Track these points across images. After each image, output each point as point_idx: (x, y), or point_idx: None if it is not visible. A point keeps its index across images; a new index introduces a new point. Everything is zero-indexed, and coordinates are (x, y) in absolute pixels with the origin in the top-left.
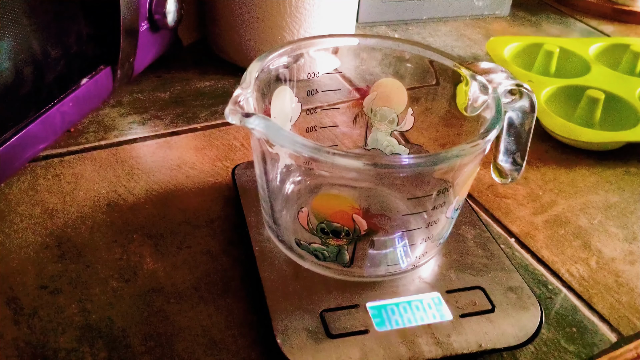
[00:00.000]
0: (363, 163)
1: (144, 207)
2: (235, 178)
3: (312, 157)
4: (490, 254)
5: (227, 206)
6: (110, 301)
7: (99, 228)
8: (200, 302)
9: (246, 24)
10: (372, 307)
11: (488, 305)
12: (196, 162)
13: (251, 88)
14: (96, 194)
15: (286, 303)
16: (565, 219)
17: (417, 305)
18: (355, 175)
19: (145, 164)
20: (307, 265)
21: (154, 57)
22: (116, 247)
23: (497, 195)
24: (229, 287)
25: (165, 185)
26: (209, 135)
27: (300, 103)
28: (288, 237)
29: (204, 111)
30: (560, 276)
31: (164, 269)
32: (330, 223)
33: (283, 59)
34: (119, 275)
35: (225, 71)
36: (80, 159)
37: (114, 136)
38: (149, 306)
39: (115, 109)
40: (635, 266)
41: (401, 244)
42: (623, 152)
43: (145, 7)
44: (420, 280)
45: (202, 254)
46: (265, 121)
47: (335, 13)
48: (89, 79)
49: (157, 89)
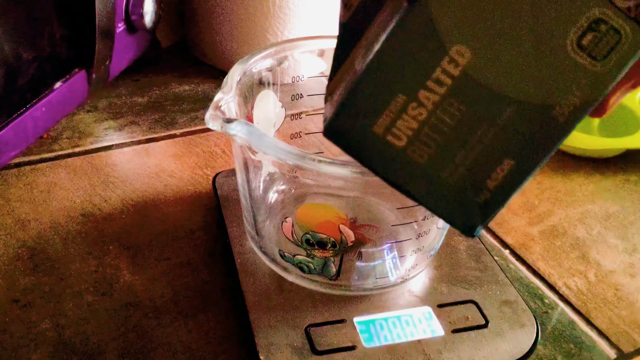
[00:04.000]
0: (350, 171)
1: (121, 217)
2: (216, 187)
3: (296, 164)
4: (484, 267)
5: (208, 216)
6: (85, 316)
7: (73, 239)
8: (179, 317)
9: (227, 25)
10: (360, 322)
11: (481, 320)
12: (175, 170)
13: (233, 92)
14: (70, 203)
15: (269, 318)
16: (562, 229)
17: (407, 320)
18: (342, 184)
19: (121, 172)
20: (292, 278)
21: (131, 59)
22: (91, 259)
23: None
24: (209, 301)
25: (143, 195)
26: (188, 142)
27: (284, 108)
28: (271, 248)
29: (183, 117)
30: (557, 289)
31: (142, 282)
32: (315, 234)
33: (266, 62)
34: (94, 288)
35: (206, 75)
36: (54, 167)
37: (89, 143)
38: (126, 321)
39: (91, 114)
40: (636, 279)
41: (390, 256)
42: (623, 160)
43: (121, 8)
44: (410, 294)
45: (182, 266)
46: (247, 127)
47: (321, 13)
48: (63, 82)
49: (134, 93)
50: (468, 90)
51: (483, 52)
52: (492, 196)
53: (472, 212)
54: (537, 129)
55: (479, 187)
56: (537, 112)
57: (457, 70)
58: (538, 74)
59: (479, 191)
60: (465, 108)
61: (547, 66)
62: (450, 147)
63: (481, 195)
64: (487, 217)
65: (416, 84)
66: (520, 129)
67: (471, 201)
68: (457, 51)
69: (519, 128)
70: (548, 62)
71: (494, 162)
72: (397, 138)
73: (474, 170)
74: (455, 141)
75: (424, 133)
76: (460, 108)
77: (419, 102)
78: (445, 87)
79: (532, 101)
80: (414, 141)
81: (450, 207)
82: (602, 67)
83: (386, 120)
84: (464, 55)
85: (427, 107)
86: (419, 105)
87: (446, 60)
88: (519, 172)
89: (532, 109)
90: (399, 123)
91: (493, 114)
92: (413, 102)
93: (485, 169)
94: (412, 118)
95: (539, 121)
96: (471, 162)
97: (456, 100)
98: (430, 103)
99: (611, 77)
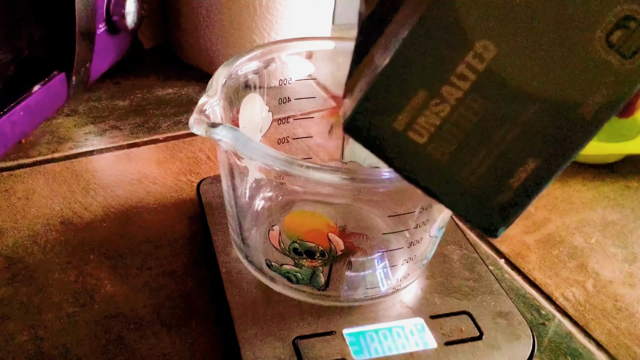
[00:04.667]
0: (340, 177)
1: (102, 226)
2: (201, 194)
3: (284, 170)
4: (478, 276)
5: (192, 224)
6: (65, 327)
7: (52, 248)
8: (162, 329)
9: (212, 26)
10: (350, 333)
11: (475, 332)
12: (158, 176)
13: (218, 96)
14: (49, 210)
15: (256, 329)
16: (560, 238)
17: (398, 332)
18: (331, 191)
19: (102, 179)
20: (279, 289)
21: (112, 62)
22: (71, 269)
23: None
24: (193, 312)
25: (125, 202)
26: (172, 147)
27: (271, 112)
28: (258, 257)
29: (166, 121)
30: (554, 300)
31: (123, 292)
32: (303, 242)
33: (252, 64)
34: (74, 299)
35: (190, 77)
36: (32, 173)
37: (69, 148)
38: (107, 333)
39: (70, 119)
40: (636, 289)
41: (381, 265)
42: (622, 166)
43: (102, 8)
44: (401, 305)
45: (165, 276)
46: (233, 132)
47: (310, 14)
48: (42, 85)
49: (115, 96)
50: (492, 86)
51: (508, 47)
52: (514, 197)
53: (494, 212)
54: (562, 128)
55: (501, 186)
56: (563, 111)
57: (481, 65)
58: (564, 71)
59: (501, 191)
60: (489, 105)
61: (574, 63)
62: (473, 145)
63: (503, 195)
64: (509, 218)
65: (439, 79)
66: (545, 127)
67: (493, 201)
68: (482, 46)
69: (544, 127)
70: (575, 59)
71: (517, 161)
72: (418, 134)
73: (496, 169)
74: (478, 139)
75: (445, 130)
76: (483, 105)
77: (442, 97)
78: (469, 82)
79: (557, 99)
80: (435, 138)
81: (471, 206)
82: (631, 64)
83: (407, 116)
84: (489, 50)
85: (449, 103)
86: (442, 101)
87: (471, 54)
88: (543, 172)
89: (557, 107)
90: (420, 119)
91: (517, 111)
92: (435, 98)
93: (508, 168)
94: (434, 114)
95: (565, 120)
96: (493, 161)
97: (480, 96)
98: (453, 99)
99: None
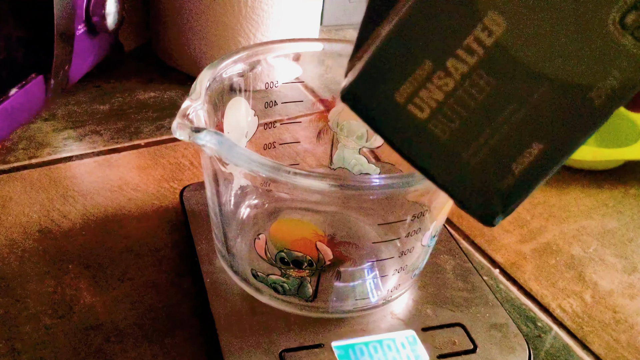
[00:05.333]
0: (328, 184)
1: (81, 234)
2: (184, 201)
3: (270, 177)
4: (472, 287)
5: (175, 233)
6: (43, 340)
7: (29, 257)
8: (144, 341)
9: (196, 26)
10: (338, 346)
11: (469, 344)
12: (140, 183)
13: (201, 99)
14: (27, 218)
15: (241, 342)
16: (557, 247)
17: (389, 344)
18: (319, 198)
19: (82, 186)
20: (265, 300)
21: (92, 64)
22: (49, 279)
23: None
24: (176, 324)
25: (105, 210)
26: (154, 153)
27: (257, 116)
28: (243, 267)
29: (148, 125)
30: (551, 312)
31: (103, 303)
32: (290, 252)
33: (238, 67)
34: (52, 310)
35: (173, 80)
36: (9, 180)
37: (47, 154)
38: (86, 345)
39: (49, 123)
40: (635, 300)
41: (371, 276)
42: (622, 172)
43: (81, 8)
44: (392, 317)
45: (146, 286)
46: (217, 137)
47: (297, 15)
48: (19, 89)
49: (95, 100)
50: (500, 63)
51: (519, 22)
52: (516, 182)
53: (493, 198)
54: (571, 112)
55: (503, 170)
56: (573, 93)
57: (490, 39)
58: (576, 52)
59: (503, 176)
60: (496, 82)
61: (587, 43)
62: (476, 124)
63: (504, 181)
64: (509, 206)
65: (445, 50)
66: (553, 110)
67: (493, 186)
68: (492, 19)
69: (552, 109)
70: (588, 39)
71: (522, 145)
72: (419, 109)
73: (499, 151)
74: (482, 118)
75: (448, 106)
76: (490, 82)
77: (447, 71)
78: (476, 57)
79: (568, 80)
80: (437, 114)
81: (470, 190)
82: None
83: (410, 88)
84: (498, 24)
85: (454, 77)
86: (446, 74)
87: (480, 27)
88: (548, 158)
89: (567, 89)
90: (422, 92)
91: (525, 91)
92: (440, 71)
93: (512, 151)
94: (438, 88)
95: (574, 103)
96: (497, 142)
97: (486, 72)
98: (458, 73)
99: None
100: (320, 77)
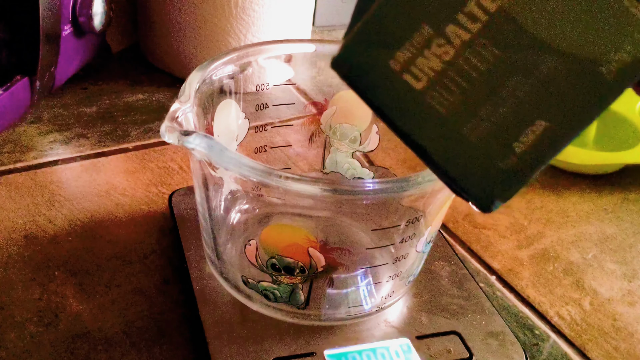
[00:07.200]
0: (320, 188)
1: (67, 240)
2: (173, 206)
3: (261, 181)
4: (468, 294)
5: (163, 238)
6: (28, 348)
7: (14, 264)
8: (131, 350)
9: (185, 27)
10: (331, 355)
11: (465, 353)
12: (127, 187)
13: (191, 102)
14: (11, 224)
15: (231, 350)
16: (555, 253)
17: (382, 353)
18: (312, 203)
19: (68, 190)
20: (256, 307)
21: (79, 66)
22: (35, 286)
23: (476, 226)
24: (165, 332)
25: (92, 215)
26: (142, 157)
27: (247, 119)
28: (234, 274)
29: (136, 129)
30: (549, 319)
31: (90, 310)
32: (282, 258)
33: (228, 69)
34: (38, 318)
35: (161, 82)
36: None
37: (33, 157)
38: (73, 354)
39: (34, 126)
40: (635, 308)
41: (364, 282)
42: (621, 176)
43: (68, 9)
44: (386, 324)
45: (134, 293)
46: (207, 140)
47: (289, 15)
48: (4, 91)
49: (82, 103)
50: (505, 31)
51: None
52: (518, 163)
53: (493, 180)
54: (579, 87)
55: (504, 149)
56: (582, 67)
57: (494, 5)
58: (587, 23)
59: (504, 155)
60: (499, 52)
61: (599, 15)
62: (477, 97)
63: (506, 161)
64: (510, 190)
65: (445, 15)
66: (560, 84)
67: (493, 166)
68: None
69: (559, 83)
70: (600, 10)
71: (526, 122)
72: (416, 78)
73: (500, 128)
74: (483, 90)
75: (447, 76)
76: (493, 52)
77: (447, 38)
78: (478, 24)
79: (577, 53)
80: (435, 85)
81: (468, 170)
82: None
83: (406, 54)
84: None
85: (454, 45)
86: (446, 42)
87: None
88: (553, 137)
89: (576, 63)
90: (420, 60)
91: (531, 63)
92: (439, 38)
93: (514, 129)
94: (437, 57)
95: (583, 78)
96: (498, 118)
97: (490, 41)
98: (459, 41)
99: None
100: (313, 79)
